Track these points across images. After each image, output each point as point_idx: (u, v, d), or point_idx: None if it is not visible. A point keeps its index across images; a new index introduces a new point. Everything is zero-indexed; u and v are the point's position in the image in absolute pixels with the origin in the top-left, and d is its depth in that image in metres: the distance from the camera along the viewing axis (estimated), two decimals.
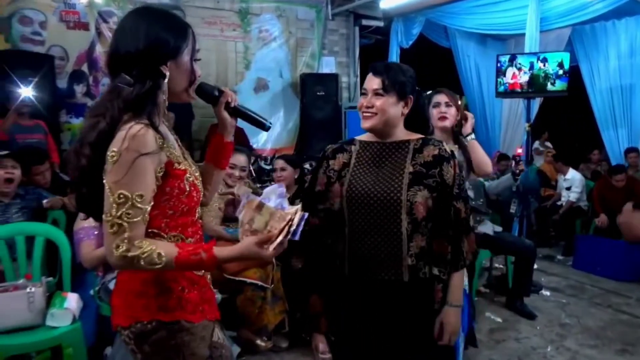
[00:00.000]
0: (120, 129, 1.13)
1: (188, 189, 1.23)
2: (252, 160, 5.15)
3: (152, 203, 1.17)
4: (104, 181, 1.13)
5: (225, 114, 1.39)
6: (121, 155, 1.11)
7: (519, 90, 5.01)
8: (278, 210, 1.19)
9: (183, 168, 1.23)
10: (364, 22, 7.02)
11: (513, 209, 4.87)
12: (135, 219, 1.12)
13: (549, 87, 4.82)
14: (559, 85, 4.78)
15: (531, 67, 4.86)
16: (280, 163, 3.59)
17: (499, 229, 4.12)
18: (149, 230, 1.19)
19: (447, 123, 2.59)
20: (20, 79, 4.38)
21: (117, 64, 1.19)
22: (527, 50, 5.31)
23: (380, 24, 7.03)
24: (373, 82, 1.61)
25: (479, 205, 3.58)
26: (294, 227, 1.18)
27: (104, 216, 1.13)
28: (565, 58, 4.81)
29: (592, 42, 6.24)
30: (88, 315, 2.68)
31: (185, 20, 1.29)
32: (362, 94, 1.65)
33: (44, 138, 4.39)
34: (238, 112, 1.42)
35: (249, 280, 3.00)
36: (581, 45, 6.33)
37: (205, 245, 1.19)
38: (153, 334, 1.22)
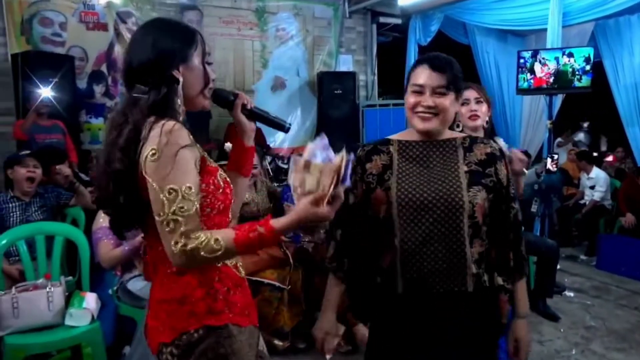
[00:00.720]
0: (152, 128, 1.13)
1: (222, 185, 1.23)
2: (269, 160, 5.16)
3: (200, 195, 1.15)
4: (149, 182, 1.10)
5: (243, 118, 1.38)
6: (162, 152, 1.10)
7: (543, 86, 4.89)
8: (327, 164, 1.12)
9: (214, 165, 1.25)
10: (382, 19, 6.96)
11: (534, 208, 4.77)
12: (189, 212, 1.10)
13: (576, 83, 4.70)
14: (584, 81, 4.66)
15: (556, 62, 4.75)
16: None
17: None
18: None
19: (479, 122, 2.38)
20: (41, 80, 4.43)
21: (132, 77, 1.20)
22: (548, 46, 5.19)
23: (398, 21, 6.96)
24: (434, 78, 1.43)
25: None
26: (342, 174, 1.11)
27: (157, 217, 1.11)
28: (590, 53, 4.70)
29: (616, 36, 6.08)
30: (107, 315, 2.70)
31: (192, 26, 1.31)
32: (415, 90, 1.45)
33: (62, 138, 4.43)
34: (255, 115, 1.41)
35: (266, 281, 2.98)
36: (605, 40, 6.17)
37: (261, 221, 1.14)
38: (200, 343, 1.17)
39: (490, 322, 1.47)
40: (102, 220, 2.66)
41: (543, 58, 4.88)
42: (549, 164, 3.40)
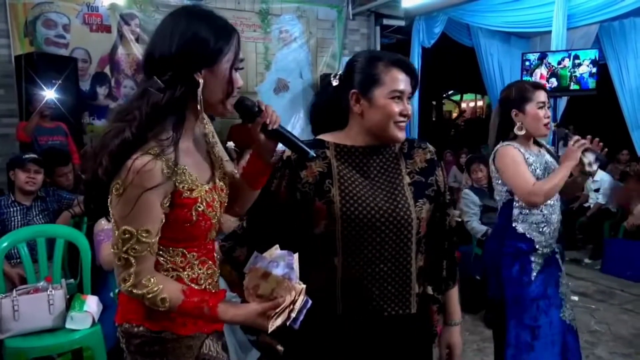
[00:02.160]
0: (130, 157, 1.06)
1: (195, 219, 1.16)
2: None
3: (160, 233, 1.13)
4: (110, 211, 1.10)
5: (262, 137, 1.20)
6: (125, 190, 1.05)
7: (547, 89, 4.87)
8: (285, 279, 1.10)
9: (194, 196, 1.15)
10: (385, 21, 6.95)
11: None
12: (141, 254, 1.10)
13: (573, 86, 4.69)
14: (589, 84, 4.64)
15: (557, 65, 4.73)
16: None
17: None
18: None
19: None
20: (45, 81, 4.44)
21: (152, 67, 1.11)
22: (553, 48, 5.17)
23: (402, 23, 6.95)
24: (407, 82, 1.30)
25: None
26: (294, 314, 1.09)
27: (111, 247, 1.12)
28: (595, 55, 4.68)
29: (621, 39, 6.06)
30: (108, 318, 2.67)
31: (233, 26, 1.16)
32: (396, 96, 1.28)
33: (65, 140, 4.43)
34: (277, 135, 1.20)
35: None
36: (609, 42, 6.15)
37: (212, 300, 1.14)
38: (138, 337, 1.20)
39: (426, 338, 1.41)
40: (104, 222, 2.66)
41: (549, 62, 4.86)
42: None
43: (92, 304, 2.50)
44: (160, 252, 1.18)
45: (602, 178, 5.54)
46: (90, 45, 5.34)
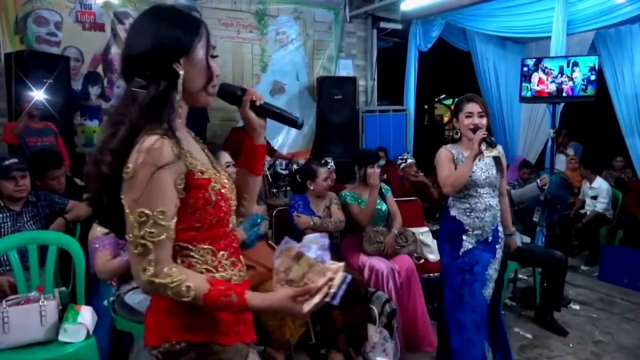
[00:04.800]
0: (136, 142, 1.07)
1: (214, 199, 1.15)
2: (267, 166, 5.05)
3: (176, 218, 1.10)
4: (122, 200, 1.07)
5: (252, 114, 1.29)
6: (137, 172, 1.05)
7: (545, 95, 4.83)
8: (318, 263, 1.09)
9: (207, 177, 1.16)
10: (382, 24, 6.89)
11: (536, 217, 4.71)
12: (159, 238, 1.06)
13: (580, 92, 4.63)
14: (589, 91, 4.58)
15: (560, 72, 4.68)
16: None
17: (527, 239, 3.97)
18: (177, 244, 1.13)
19: (481, 135, 2.45)
20: (36, 80, 4.31)
21: (131, 68, 1.13)
22: (552, 54, 5.14)
23: (399, 26, 6.90)
24: None
25: None
26: (333, 290, 1.07)
27: (127, 237, 1.07)
28: (595, 62, 4.63)
29: (617, 46, 6.06)
30: (102, 328, 2.57)
31: (199, 17, 1.22)
32: None
33: (54, 140, 4.29)
34: (265, 111, 1.31)
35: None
36: (605, 49, 6.15)
37: (238, 288, 1.11)
38: (181, 355, 1.15)
39: None
40: (99, 229, 2.55)
41: (546, 67, 4.81)
42: (539, 181, 3.75)
43: (86, 315, 2.38)
44: (191, 252, 1.15)
45: (600, 186, 5.52)
46: (82, 43, 5.21)
